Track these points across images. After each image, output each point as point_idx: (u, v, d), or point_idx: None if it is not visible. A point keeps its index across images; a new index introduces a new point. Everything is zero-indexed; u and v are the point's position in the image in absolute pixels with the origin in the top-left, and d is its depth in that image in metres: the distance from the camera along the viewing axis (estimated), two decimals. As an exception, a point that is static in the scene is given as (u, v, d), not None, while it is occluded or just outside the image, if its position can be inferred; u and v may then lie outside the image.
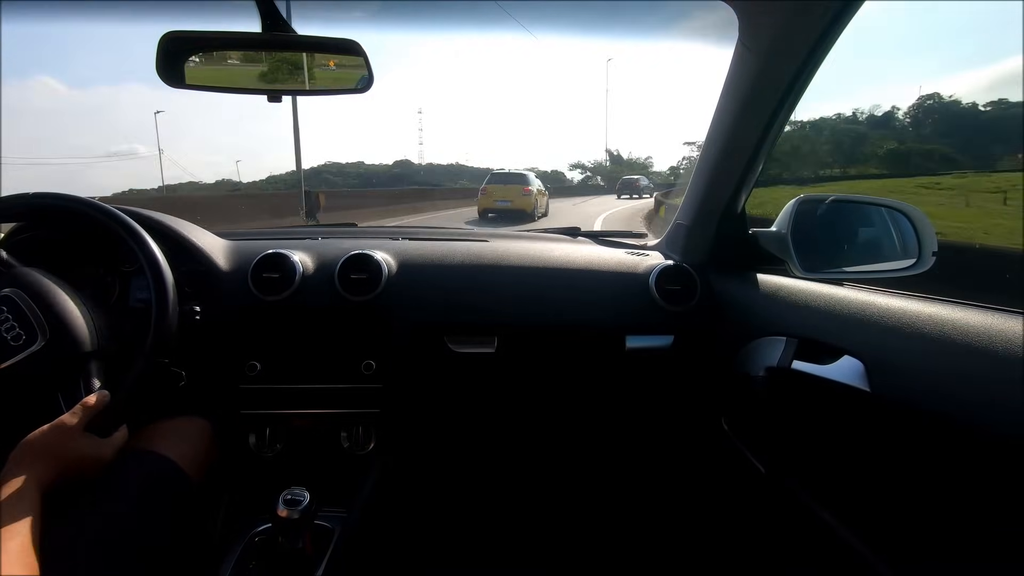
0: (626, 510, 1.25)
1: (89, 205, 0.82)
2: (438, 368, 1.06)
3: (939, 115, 22.08)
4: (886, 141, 19.46)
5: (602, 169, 42.18)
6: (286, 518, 0.72)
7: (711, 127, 0.97)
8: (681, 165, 47.80)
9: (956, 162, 14.00)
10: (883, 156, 17.93)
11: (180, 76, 0.86)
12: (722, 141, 0.95)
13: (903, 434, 0.65)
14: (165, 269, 0.80)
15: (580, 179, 40.95)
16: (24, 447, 0.60)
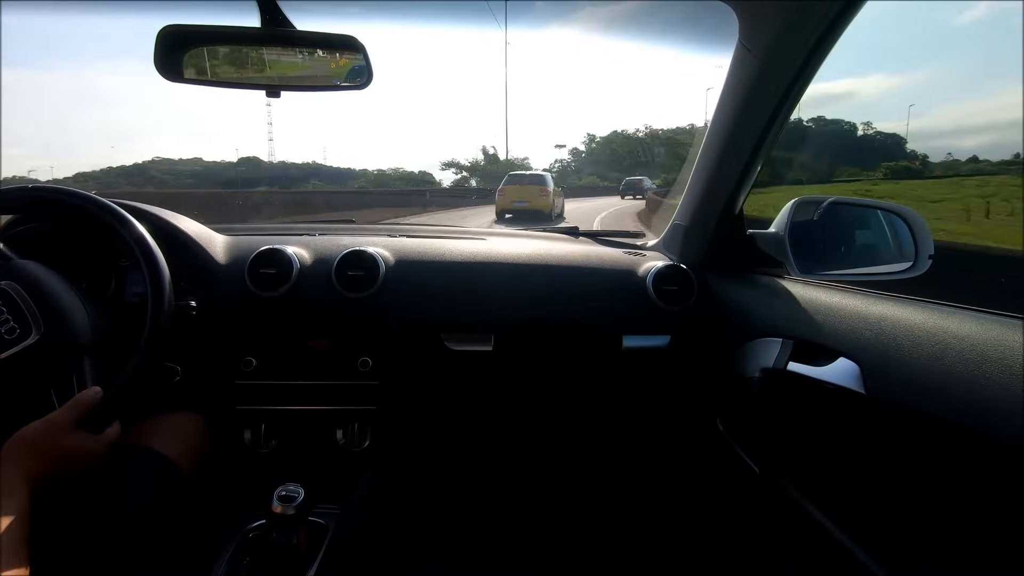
0: (621, 509, 1.25)
1: (86, 199, 0.82)
2: (434, 366, 1.06)
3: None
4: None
5: (479, 169, 38.32)
6: (280, 514, 0.72)
7: (710, 127, 0.97)
8: (553, 168, 45.32)
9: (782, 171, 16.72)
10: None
11: (178, 70, 0.85)
12: (721, 142, 0.95)
13: (897, 436, 0.65)
14: (161, 264, 0.80)
15: (454, 180, 35.85)
16: (15, 442, 0.60)
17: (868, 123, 78.03)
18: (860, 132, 48.63)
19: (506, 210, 11.94)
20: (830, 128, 55.95)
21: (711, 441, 1.02)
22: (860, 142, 33.17)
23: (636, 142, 45.14)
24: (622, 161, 42.22)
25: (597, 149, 47.42)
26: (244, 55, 0.88)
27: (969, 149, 78.35)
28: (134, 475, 0.74)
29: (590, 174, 36.04)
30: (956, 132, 67.54)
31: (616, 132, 48.16)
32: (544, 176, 13.06)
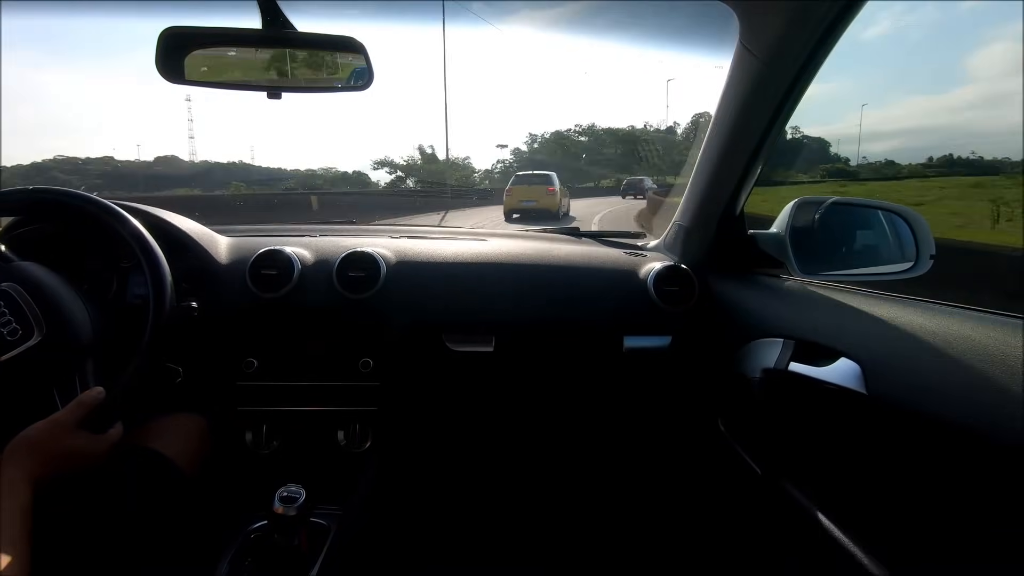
0: (623, 509, 1.25)
1: (88, 200, 0.82)
2: (436, 366, 1.06)
3: (701, 131, 33.54)
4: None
5: (416, 169, 35.15)
6: (282, 515, 0.72)
7: (711, 128, 0.97)
8: (496, 169, 42.81)
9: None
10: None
11: (180, 72, 0.85)
12: (721, 142, 0.95)
13: (899, 436, 0.65)
14: (163, 266, 0.80)
15: (389, 181, 32.25)
16: (19, 442, 0.60)
17: (796, 127, 79.88)
18: (789, 136, 53.59)
19: (514, 210, 11.95)
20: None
21: (712, 441, 1.02)
22: (792, 146, 37.07)
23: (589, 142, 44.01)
24: (573, 161, 41.06)
25: (540, 149, 45.80)
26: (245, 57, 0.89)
27: (880, 153, 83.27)
28: (136, 476, 0.74)
29: None
30: (867, 137, 72.64)
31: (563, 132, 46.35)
32: (550, 176, 13.03)
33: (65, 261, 0.86)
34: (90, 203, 0.82)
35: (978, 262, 3.33)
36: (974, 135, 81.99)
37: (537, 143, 46.95)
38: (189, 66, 0.86)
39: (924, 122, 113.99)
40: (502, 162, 45.73)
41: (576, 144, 44.85)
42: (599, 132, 45.29)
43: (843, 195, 1.03)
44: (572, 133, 45.47)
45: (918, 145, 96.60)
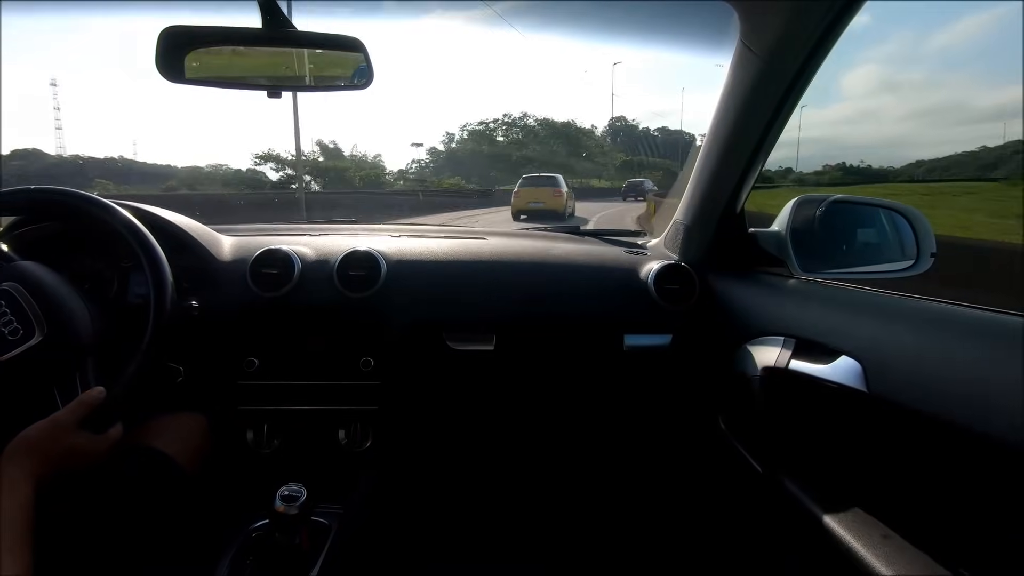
0: (623, 508, 1.25)
1: (89, 200, 0.82)
2: (436, 365, 1.06)
3: (623, 134, 31.55)
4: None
5: (316, 166, 30.99)
6: (283, 514, 0.72)
7: (711, 126, 0.97)
8: (410, 169, 39.19)
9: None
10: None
11: (180, 71, 0.85)
12: (722, 140, 0.95)
13: (900, 435, 0.65)
14: (164, 265, 0.80)
15: (277, 179, 26.24)
16: (19, 442, 0.60)
17: (703, 135, 79.55)
18: (697, 143, 56.20)
19: (521, 211, 12.35)
20: (674, 137, 59.13)
21: (713, 440, 1.02)
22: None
23: (521, 137, 39.47)
24: (496, 161, 37.22)
25: (460, 148, 41.19)
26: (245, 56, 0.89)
27: (777, 160, 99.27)
28: (137, 475, 0.74)
29: (451, 175, 30.72)
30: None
31: (488, 124, 41.08)
32: (557, 178, 13.53)
33: (66, 260, 0.86)
34: (91, 203, 0.82)
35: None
36: (847, 147, 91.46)
37: (455, 142, 42.27)
38: (189, 65, 0.86)
39: (810, 133, 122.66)
40: (417, 162, 42.51)
41: (504, 141, 40.40)
42: (532, 126, 40.81)
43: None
44: (499, 126, 40.96)
45: (806, 154, 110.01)
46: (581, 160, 37.12)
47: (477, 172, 35.06)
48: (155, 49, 0.81)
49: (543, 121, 41.29)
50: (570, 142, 39.34)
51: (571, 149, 38.68)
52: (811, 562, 0.73)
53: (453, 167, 37.64)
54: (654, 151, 53.16)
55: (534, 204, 12.38)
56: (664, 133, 73.96)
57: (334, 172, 30.27)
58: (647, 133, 54.05)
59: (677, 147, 64.27)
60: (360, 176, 29.88)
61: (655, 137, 67.53)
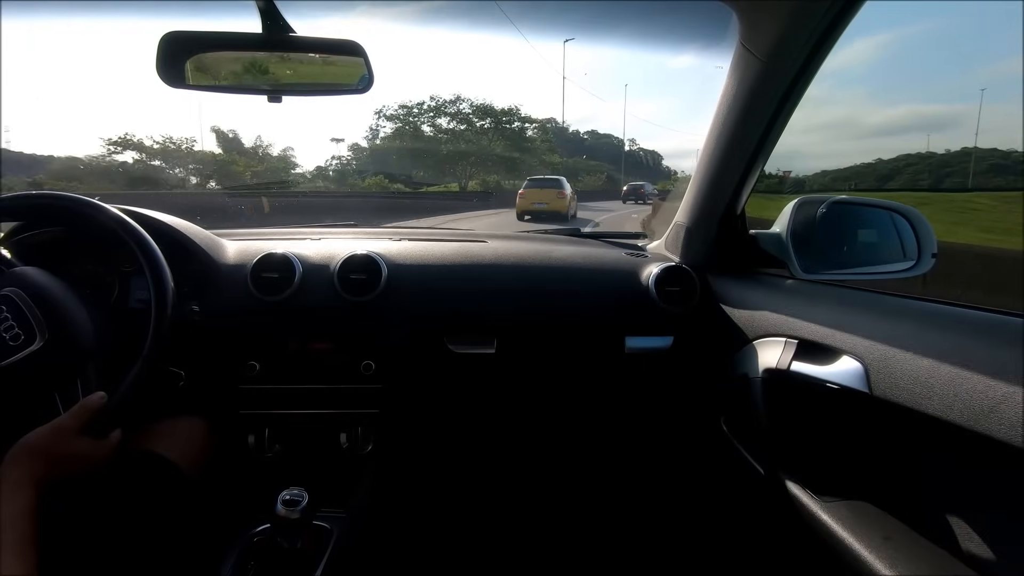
0: (625, 511, 1.25)
1: (90, 205, 0.82)
2: (437, 369, 1.06)
3: (554, 135, 30.58)
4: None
5: (203, 158, 24.88)
6: (285, 518, 0.72)
7: (711, 128, 0.97)
8: (330, 166, 33.74)
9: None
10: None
11: (180, 76, 0.86)
12: (722, 142, 0.95)
13: (902, 436, 0.65)
14: (165, 270, 0.80)
15: (139, 167, 21.75)
16: (22, 447, 0.60)
17: (633, 140, 66.97)
18: (627, 148, 50.16)
19: (526, 211, 12.74)
20: (603, 141, 58.51)
21: (715, 442, 1.02)
22: (632, 157, 39.52)
23: (457, 130, 32.84)
24: (422, 157, 31.43)
25: (383, 146, 34.40)
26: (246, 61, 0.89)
27: (686, 167, 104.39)
28: (139, 480, 0.74)
29: (375, 174, 25.37)
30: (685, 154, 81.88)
31: (410, 109, 33.41)
32: (560, 180, 14.13)
33: (67, 265, 0.86)
34: (92, 208, 0.82)
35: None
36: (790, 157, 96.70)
37: (379, 138, 34.98)
38: (189, 71, 0.86)
39: None
40: (338, 158, 36.19)
41: (432, 132, 33.70)
42: (466, 112, 33.34)
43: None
44: (424, 113, 33.54)
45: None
46: (520, 157, 32.07)
47: (403, 170, 29.90)
48: (156, 55, 0.82)
49: (480, 107, 33.79)
50: (506, 135, 33.35)
51: (509, 144, 32.88)
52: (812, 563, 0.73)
53: (378, 164, 31.26)
54: (590, 154, 50.19)
55: (538, 205, 12.77)
56: (593, 136, 71.39)
57: (222, 166, 24.20)
58: (576, 135, 51.58)
59: (606, 151, 60.18)
60: (252, 171, 23.94)
61: (584, 140, 64.62)
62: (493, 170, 30.99)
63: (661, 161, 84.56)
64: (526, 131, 34.75)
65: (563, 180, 14.23)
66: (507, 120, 33.87)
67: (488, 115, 33.74)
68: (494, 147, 32.79)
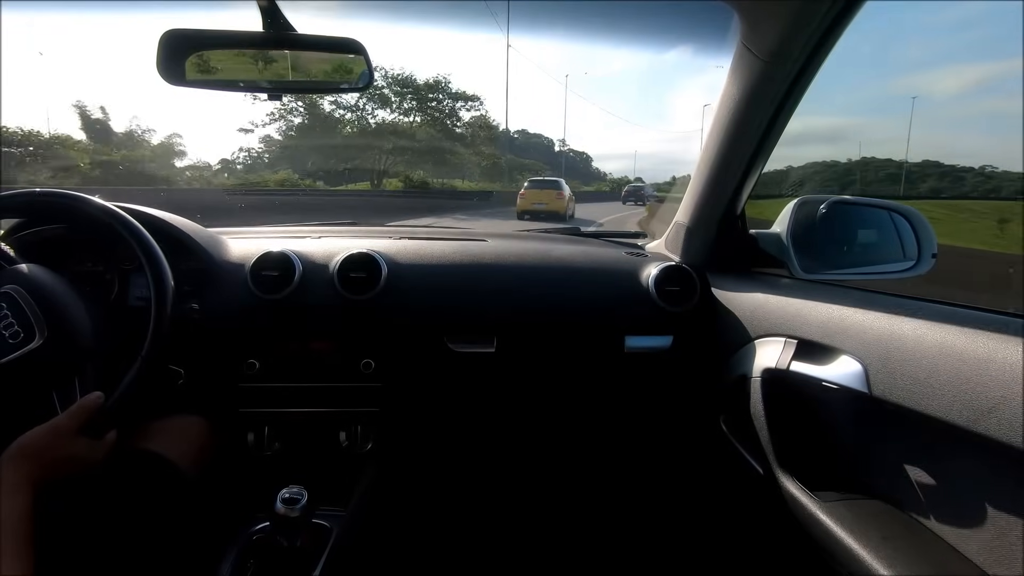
0: (625, 510, 1.25)
1: (90, 203, 0.82)
2: (437, 368, 1.06)
3: (484, 134, 28.10)
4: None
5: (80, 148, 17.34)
6: (284, 516, 0.72)
7: (712, 127, 0.97)
8: (237, 158, 27.59)
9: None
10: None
11: (180, 74, 0.85)
12: (723, 142, 0.95)
13: (901, 436, 0.65)
14: (165, 268, 0.80)
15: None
16: (18, 447, 0.60)
17: (562, 140, 65.22)
18: (557, 148, 48.36)
19: (526, 211, 13.39)
20: (534, 141, 57.25)
21: (714, 441, 1.02)
22: (562, 157, 37.13)
23: (366, 123, 26.10)
24: (338, 150, 25.17)
25: (300, 134, 26.51)
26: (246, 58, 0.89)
27: (620, 170, 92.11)
28: (138, 478, 0.74)
29: (288, 168, 21.29)
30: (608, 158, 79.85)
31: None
32: (559, 182, 14.93)
33: (67, 263, 0.86)
34: (92, 206, 0.82)
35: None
36: (677, 161, 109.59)
37: (295, 129, 26.90)
38: (190, 68, 0.86)
39: (646, 148, 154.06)
40: (245, 150, 30.12)
41: (348, 117, 26.83)
42: (385, 94, 25.85)
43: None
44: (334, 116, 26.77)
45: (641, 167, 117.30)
46: (448, 152, 26.82)
47: (317, 164, 24.26)
48: (156, 52, 0.82)
49: (398, 79, 26.01)
50: (435, 123, 26.81)
51: (436, 134, 26.44)
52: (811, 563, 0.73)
53: (288, 161, 25.25)
54: (520, 153, 47.46)
55: (538, 205, 13.43)
56: (523, 136, 69.59)
57: (124, 158, 18.52)
58: (507, 134, 48.82)
59: (536, 151, 58.93)
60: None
61: (514, 138, 61.42)
62: (418, 163, 24.86)
63: (591, 163, 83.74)
64: (458, 113, 27.51)
65: (562, 182, 14.90)
66: (434, 98, 26.79)
67: (409, 89, 26.21)
68: (419, 134, 25.64)
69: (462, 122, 27.98)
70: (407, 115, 26.99)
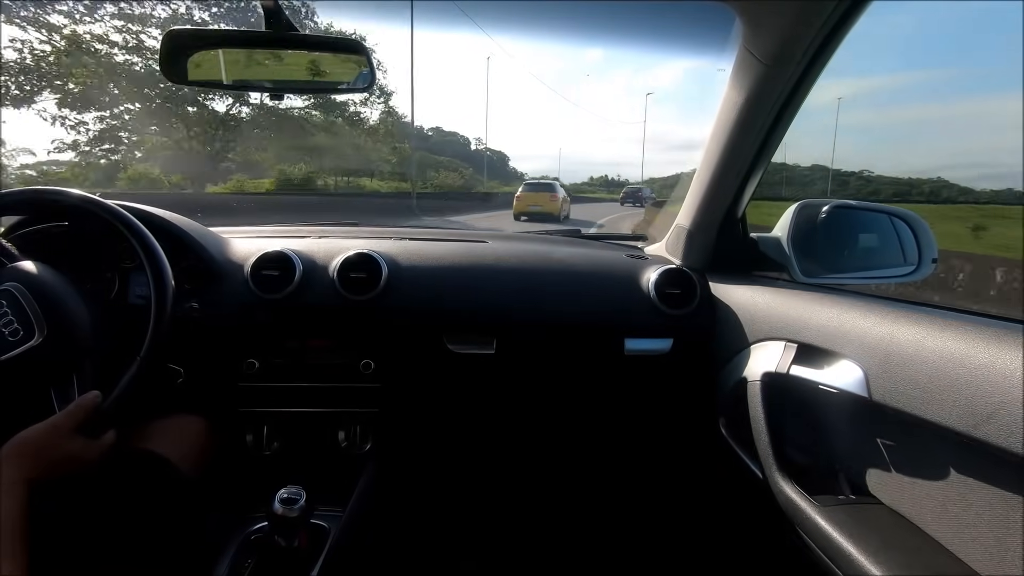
0: (624, 512, 1.25)
1: (91, 201, 0.82)
2: (436, 368, 1.06)
3: (396, 127, 26.69)
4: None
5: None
6: (282, 516, 0.72)
7: (713, 130, 0.97)
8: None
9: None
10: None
11: (183, 72, 0.86)
12: (724, 145, 0.95)
13: (901, 441, 0.65)
14: (165, 266, 0.80)
15: None
16: (15, 445, 0.60)
17: (479, 139, 64.82)
18: (472, 147, 48.65)
19: (522, 212, 14.30)
20: (449, 139, 56.12)
21: (713, 444, 1.02)
22: (480, 156, 36.46)
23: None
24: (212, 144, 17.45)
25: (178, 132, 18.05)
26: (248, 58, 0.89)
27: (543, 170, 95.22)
28: (136, 478, 0.74)
29: (145, 161, 16.97)
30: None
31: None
32: (554, 184, 16.06)
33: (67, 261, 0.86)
34: (93, 204, 0.82)
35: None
36: (595, 164, 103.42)
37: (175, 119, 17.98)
38: (192, 67, 0.86)
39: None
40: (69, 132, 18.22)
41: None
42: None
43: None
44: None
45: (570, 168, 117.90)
46: (352, 148, 22.56)
47: (191, 164, 18.12)
48: (159, 51, 0.82)
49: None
50: (330, 108, 21.15)
51: (331, 122, 21.73)
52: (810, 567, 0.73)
53: (153, 157, 19.04)
54: (434, 151, 44.94)
55: (533, 207, 14.23)
56: (438, 134, 67.02)
57: None
58: (420, 131, 45.14)
59: (451, 148, 56.81)
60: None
61: (428, 135, 59.26)
62: (317, 160, 21.25)
63: (508, 162, 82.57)
64: (360, 108, 22.49)
65: (556, 184, 16.07)
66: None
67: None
68: (315, 120, 20.99)
69: (367, 118, 23.17)
70: (306, 110, 20.82)
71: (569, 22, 19.29)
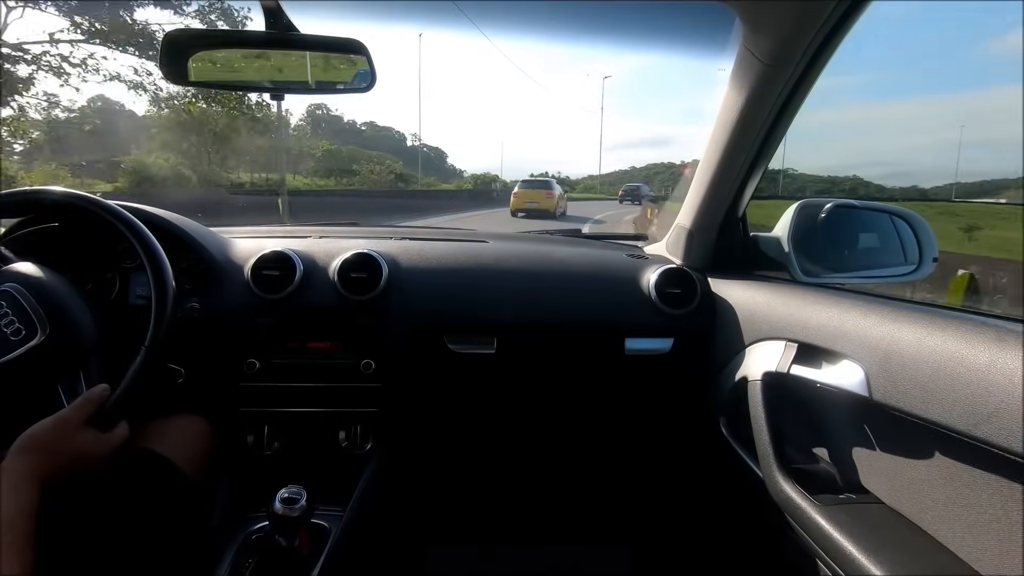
0: (625, 513, 1.25)
1: (92, 202, 0.82)
2: (437, 368, 1.06)
3: (325, 124, 29.30)
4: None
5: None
6: (283, 516, 0.72)
7: (714, 130, 0.97)
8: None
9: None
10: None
11: (183, 73, 0.86)
12: (724, 145, 0.95)
13: (902, 441, 0.65)
14: (165, 267, 0.80)
15: None
16: (25, 440, 0.60)
17: (416, 135, 63.86)
18: (409, 143, 47.99)
19: (519, 209, 14.80)
20: (383, 134, 57.12)
21: (714, 444, 1.02)
22: (416, 152, 36.31)
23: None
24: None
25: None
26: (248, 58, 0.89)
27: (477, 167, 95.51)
28: (137, 478, 0.74)
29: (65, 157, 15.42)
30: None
31: None
32: (550, 182, 16.53)
33: (68, 262, 0.86)
34: (94, 204, 0.82)
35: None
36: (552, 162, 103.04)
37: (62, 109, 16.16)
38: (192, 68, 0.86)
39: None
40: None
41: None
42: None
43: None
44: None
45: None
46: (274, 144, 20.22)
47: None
48: (159, 51, 0.82)
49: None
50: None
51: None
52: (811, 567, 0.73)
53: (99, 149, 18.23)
54: (368, 146, 43.38)
55: (530, 204, 14.77)
56: (372, 128, 65.06)
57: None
58: (353, 125, 44.45)
59: (386, 144, 54.78)
60: None
61: (361, 130, 58.50)
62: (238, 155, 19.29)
63: (445, 159, 79.93)
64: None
65: (552, 182, 16.64)
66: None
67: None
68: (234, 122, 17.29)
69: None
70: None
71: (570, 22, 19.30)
